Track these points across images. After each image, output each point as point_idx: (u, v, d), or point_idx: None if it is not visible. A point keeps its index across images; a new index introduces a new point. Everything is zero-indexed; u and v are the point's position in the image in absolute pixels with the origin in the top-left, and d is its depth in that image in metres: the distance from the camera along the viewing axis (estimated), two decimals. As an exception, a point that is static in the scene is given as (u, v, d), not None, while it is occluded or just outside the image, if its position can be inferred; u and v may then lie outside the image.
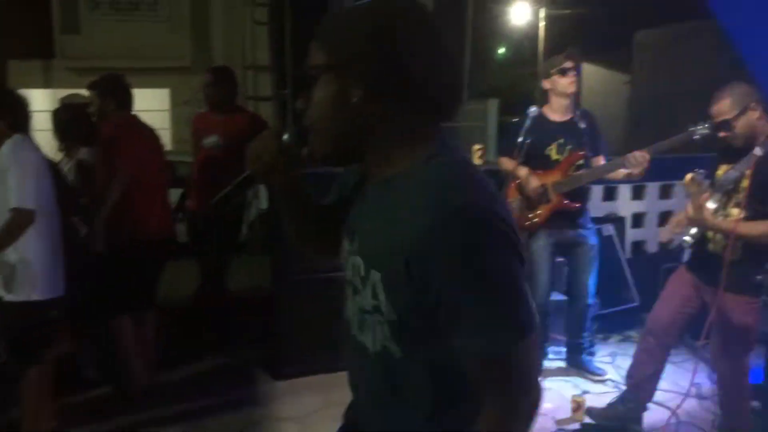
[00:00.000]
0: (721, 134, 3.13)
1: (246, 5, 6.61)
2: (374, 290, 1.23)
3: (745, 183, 3.05)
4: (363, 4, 1.23)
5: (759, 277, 2.17)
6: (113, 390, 3.89)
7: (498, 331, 1.14)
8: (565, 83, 3.92)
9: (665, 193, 5.35)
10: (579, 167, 3.96)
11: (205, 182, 4.33)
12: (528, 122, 3.89)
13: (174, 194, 4.54)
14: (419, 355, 1.25)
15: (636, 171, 3.72)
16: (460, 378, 1.21)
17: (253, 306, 4.75)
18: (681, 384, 4.04)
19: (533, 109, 3.94)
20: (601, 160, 3.98)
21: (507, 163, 4.03)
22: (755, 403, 3.45)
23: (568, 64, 3.91)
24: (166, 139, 4.63)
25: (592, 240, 4.13)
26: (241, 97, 5.11)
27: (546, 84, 4.01)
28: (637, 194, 5.28)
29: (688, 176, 3.06)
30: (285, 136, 1.36)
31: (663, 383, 3.58)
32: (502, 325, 1.14)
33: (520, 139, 3.85)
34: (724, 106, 3.07)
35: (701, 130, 3.51)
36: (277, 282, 4.23)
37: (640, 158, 3.67)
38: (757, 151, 2.26)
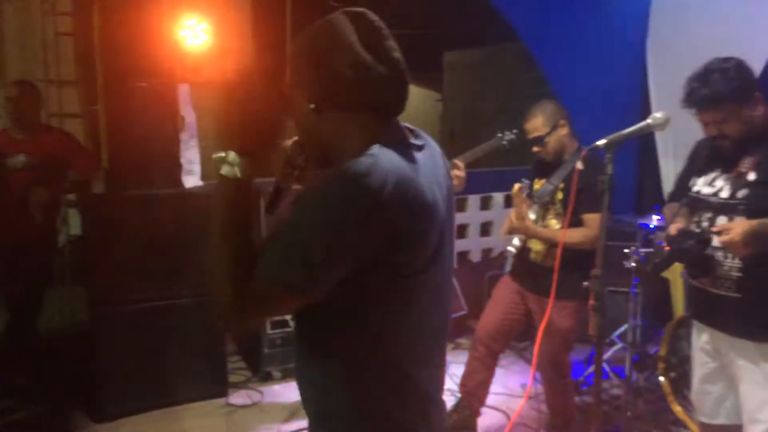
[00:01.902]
0: (535, 149, 3.37)
1: (46, 14, 6.03)
2: None
3: (560, 195, 3.28)
4: (306, 30, 1.38)
5: (585, 283, 2.30)
6: None
7: (276, 262, 1.23)
8: None
9: (485, 205, 5.64)
10: None
11: (9, 206, 3.87)
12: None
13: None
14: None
15: (455, 183, 3.85)
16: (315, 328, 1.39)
17: (66, 343, 4.32)
18: (509, 386, 4.26)
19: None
20: None
21: None
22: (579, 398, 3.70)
23: None
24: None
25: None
26: (43, 113, 4.66)
27: None
28: (460, 206, 5.51)
29: (516, 186, 3.24)
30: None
31: (492, 386, 3.70)
32: (281, 261, 1.23)
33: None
34: (537, 123, 3.32)
35: (509, 136, 3.79)
36: (93, 315, 3.88)
37: (456, 171, 3.82)
38: (579, 165, 2.45)
